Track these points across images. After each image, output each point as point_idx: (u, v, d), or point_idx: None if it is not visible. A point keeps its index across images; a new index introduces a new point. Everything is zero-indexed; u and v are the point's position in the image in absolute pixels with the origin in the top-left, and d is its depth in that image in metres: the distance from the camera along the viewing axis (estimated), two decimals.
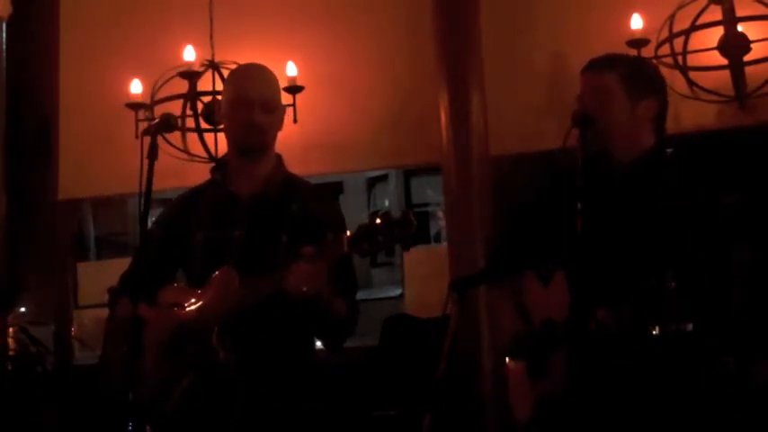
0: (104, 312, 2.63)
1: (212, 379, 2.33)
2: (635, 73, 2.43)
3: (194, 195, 2.58)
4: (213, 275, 2.38)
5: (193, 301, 2.40)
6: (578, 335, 2.16)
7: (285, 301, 2.28)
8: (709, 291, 2.12)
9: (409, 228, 2.15)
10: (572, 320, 2.18)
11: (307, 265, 2.23)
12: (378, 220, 2.15)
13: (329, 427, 2.57)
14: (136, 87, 4.22)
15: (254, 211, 2.47)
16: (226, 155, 2.63)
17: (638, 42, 3.74)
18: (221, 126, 2.53)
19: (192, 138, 4.23)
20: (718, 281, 2.14)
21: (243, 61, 4.25)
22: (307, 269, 2.23)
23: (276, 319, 2.38)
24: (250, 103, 2.46)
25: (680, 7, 3.76)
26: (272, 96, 2.54)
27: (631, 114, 2.36)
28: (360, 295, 2.59)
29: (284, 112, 2.61)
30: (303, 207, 2.48)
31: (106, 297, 2.61)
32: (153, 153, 2.35)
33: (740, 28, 3.67)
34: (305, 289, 2.24)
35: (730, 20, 3.68)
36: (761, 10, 3.67)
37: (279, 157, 2.60)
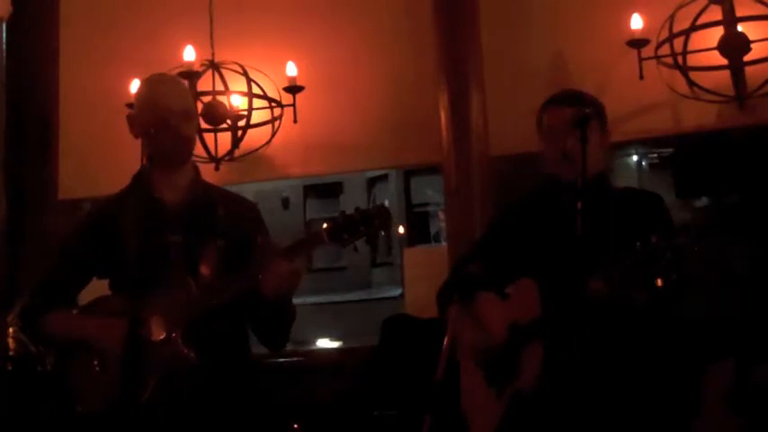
0: None
1: (180, 382, 2.31)
2: (599, 107, 2.55)
3: (114, 204, 2.53)
4: (170, 281, 2.36)
5: (144, 308, 2.34)
6: (564, 318, 2.18)
7: (256, 301, 2.30)
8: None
9: (388, 218, 2.19)
10: (566, 295, 2.20)
11: (287, 265, 2.25)
12: (353, 212, 2.20)
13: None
14: (136, 87, 4.21)
15: (186, 217, 2.47)
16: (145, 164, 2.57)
17: (638, 42, 3.75)
18: (136, 134, 2.52)
19: None
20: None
21: (243, 61, 4.30)
22: (288, 269, 2.26)
23: (236, 319, 2.41)
24: (177, 116, 2.47)
25: (680, 7, 3.76)
26: (192, 106, 2.60)
27: (601, 147, 2.52)
28: (360, 295, 2.61)
29: (198, 120, 2.64)
30: (228, 211, 2.52)
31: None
32: None
33: (740, 28, 3.67)
34: (285, 289, 2.27)
35: (730, 20, 3.67)
36: (761, 10, 3.67)
37: (195, 164, 2.63)
